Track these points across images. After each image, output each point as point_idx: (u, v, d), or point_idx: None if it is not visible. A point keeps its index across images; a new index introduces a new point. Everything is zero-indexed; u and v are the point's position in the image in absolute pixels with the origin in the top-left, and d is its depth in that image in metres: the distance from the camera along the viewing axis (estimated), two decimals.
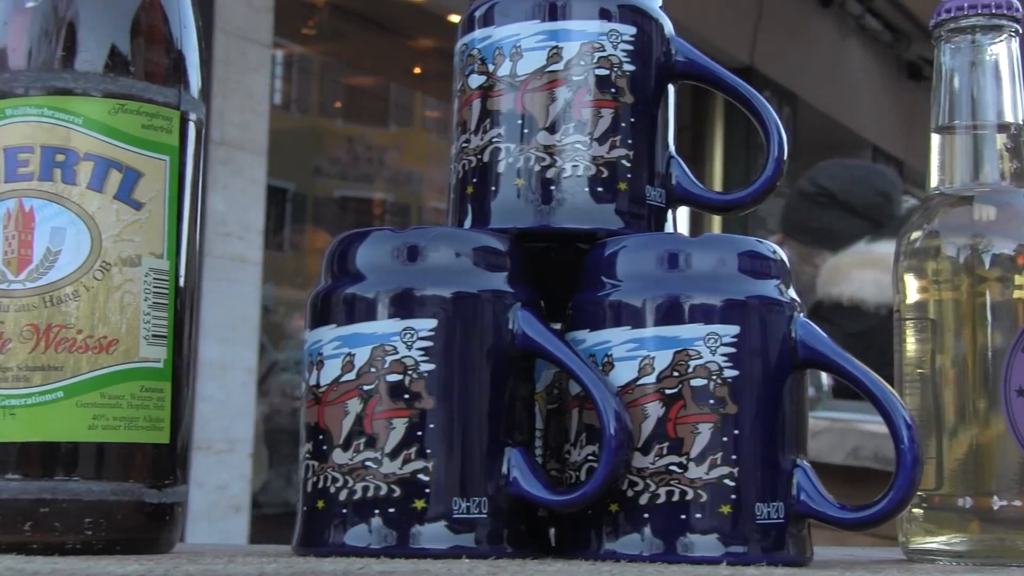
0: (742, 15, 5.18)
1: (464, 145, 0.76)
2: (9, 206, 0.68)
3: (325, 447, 0.69)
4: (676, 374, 0.68)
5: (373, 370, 0.69)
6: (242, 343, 3.58)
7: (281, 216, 6.57)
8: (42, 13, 0.70)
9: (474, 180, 0.76)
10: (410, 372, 0.68)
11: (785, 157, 0.76)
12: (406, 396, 0.68)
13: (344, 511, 0.69)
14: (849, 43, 5.72)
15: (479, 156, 0.75)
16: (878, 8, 5.68)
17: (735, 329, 0.68)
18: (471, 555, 0.68)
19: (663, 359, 0.68)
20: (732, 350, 0.68)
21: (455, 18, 5.07)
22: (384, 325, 0.69)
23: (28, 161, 0.68)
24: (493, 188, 0.75)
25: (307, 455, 0.71)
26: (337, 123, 7.18)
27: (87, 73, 0.69)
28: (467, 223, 0.76)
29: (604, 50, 0.74)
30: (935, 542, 0.77)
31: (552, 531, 0.74)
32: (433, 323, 0.69)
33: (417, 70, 5.96)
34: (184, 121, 0.72)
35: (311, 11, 5.43)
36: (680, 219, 0.79)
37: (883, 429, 0.68)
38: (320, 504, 0.69)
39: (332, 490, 0.69)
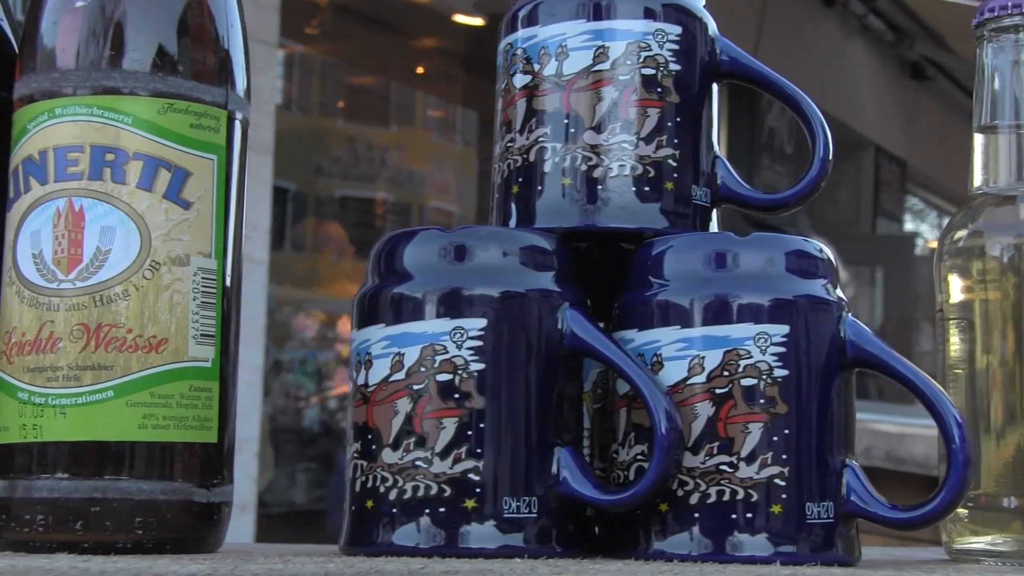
0: (745, 14, 5.18)
1: (509, 144, 0.76)
2: (59, 205, 0.68)
3: (374, 447, 0.69)
4: (726, 373, 0.68)
5: (423, 369, 0.69)
6: (248, 342, 3.58)
7: (283, 216, 6.57)
8: (91, 13, 0.70)
9: (519, 179, 0.76)
10: (460, 372, 0.68)
11: (831, 157, 0.76)
12: (456, 396, 0.68)
13: (394, 511, 0.69)
14: (852, 43, 5.72)
15: (524, 155, 0.75)
16: (881, 8, 5.68)
17: (785, 329, 0.68)
18: (520, 555, 0.68)
19: (713, 358, 0.68)
20: (782, 350, 0.68)
21: (460, 18, 5.07)
22: (434, 325, 0.69)
23: (78, 160, 0.68)
24: (539, 188, 0.75)
25: (355, 454, 0.71)
26: (338, 123, 7.18)
27: (136, 72, 0.69)
28: (512, 222, 0.76)
29: (650, 49, 0.74)
30: (980, 542, 0.77)
31: (596, 530, 0.73)
32: (483, 322, 0.69)
33: (420, 70, 5.96)
34: (231, 120, 0.72)
35: (315, 11, 5.43)
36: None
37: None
38: (369, 504, 0.69)
39: (381, 490, 0.69)
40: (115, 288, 0.68)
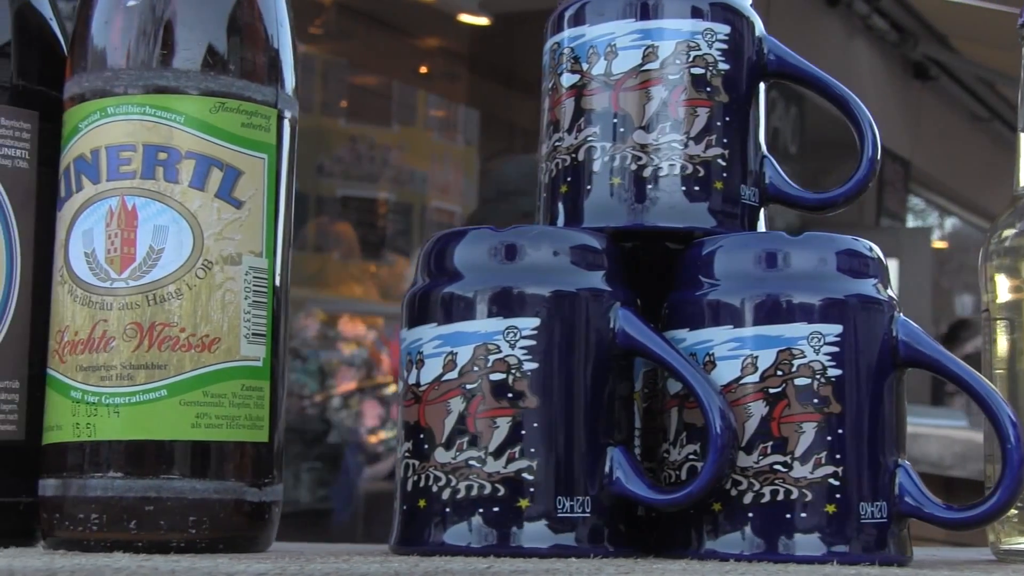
0: None
1: (557, 144, 0.76)
2: (112, 204, 0.68)
3: (426, 446, 0.69)
4: (780, 373, 0.68)
5: (476, 369, 0.69)
6: None
7: None
8: (142, 12, 0.70)
9: (568, 179, 0.76)
10: (513, 371, 0.68)
11: (879, 157, 0.76)
12: (510, 395, 0.68)
13: (447, 510, 0.68)
14: (856, 43, 5.72)
15: (573, 155, 0.75)
16: (885, 8, 5.68)
17: (838, 328, 0.68)
18: (572, 554, 0.68)
19: (766, 358, 0.68)
20: (835, 349, 0.68)
21: (465, 18, 5.07)
22: (486, 324, 0.69)
23: (130, 159, 0.68)
24: (588, 187, 0.75)
25: (407, 453, 0.70)
26: (340, 122, 7.18)
27: (188, 71, 0.69)
28: (559, 222, 0.76)
29: (699, 49, 0.74)
30: None
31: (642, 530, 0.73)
32: (536, 322, 0.69)
33: (423, 69, 5.96)
34: (280, 119, 0.72)
35: (319, 10, 5.43)
36: None
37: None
38: (422, 503, 0.69)
39: (434, 489, 0.69)
40: (168, 287, 0.68)
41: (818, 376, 0.68)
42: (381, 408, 4.24)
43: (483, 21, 4.92)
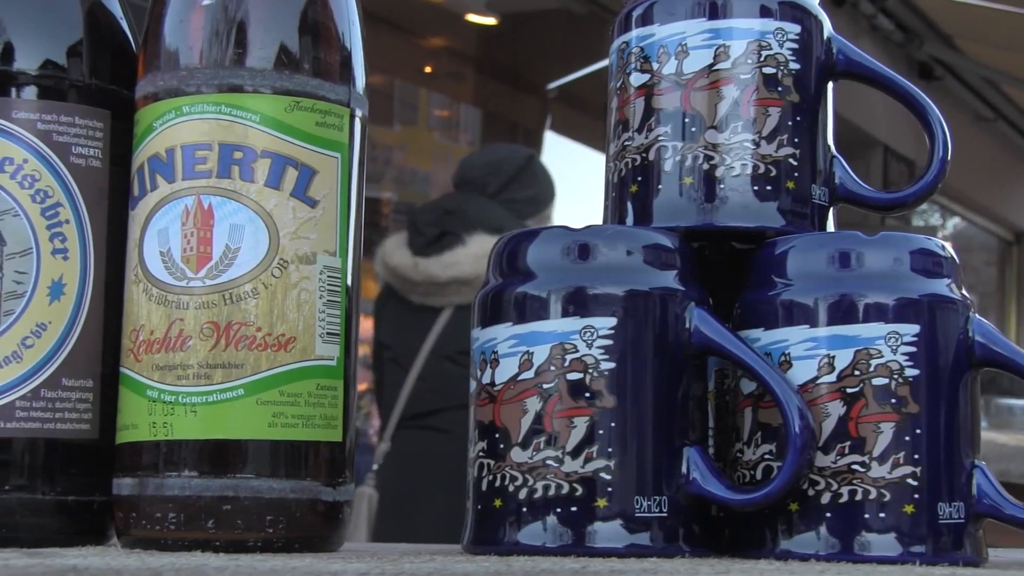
0: None
1: (627, 143, 0.76)
2: (187, 203, 0.68)
3: (502, 445, 0.69)
4: (857, 373, 0.68)
5: (553, 368, 0.68)
6: None
7: None
8: (217, 11, 0.69)
9: (638, 178, 0.76)
10: (591, 370, 0.68)
11: (949, 157, 0.76)
12: (587, 395, 0.68)
13: (524, 509, 0.68)
14: (861, 42, 5.73)
15: (643, 154, 0.75)
16: (890, 8, 5.69)
17: (915, 328, 0.68)
18: (648, 554, 0.68)
19: (843, 358, 0.68)
20: (913, 349, 0.68)
21: (473, 17, 5.06)
22: (563, 323, 0.69)
23: (206, 158, 0.68)
24: (659, 186, 0.75)
25: (481, 453, 0.70)
26: None
27: (263, 70, 0.69)
28: (628, 221, 0.76)
29: (771, 48, 0.74)
30: None
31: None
32: (612, 321, 0.69)
33: (428, 69, 5.96)
34: (352, 118, 0.72)
35: None
36: None
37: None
38: (497, 502, 0.69)
39: (511, 488, 0.69)
40: (244, 286, 0.67)
41: (896, 376, 0.68)
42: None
43: (491, 21, 4.92)
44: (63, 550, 0.65)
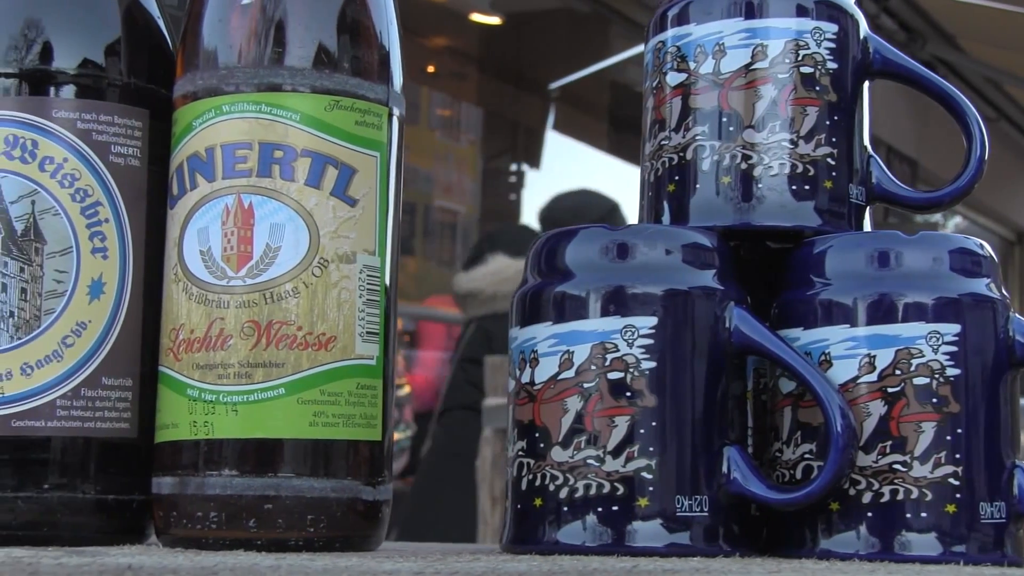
0: None
1: (663, 143, 0.76)
2: (228, 202, 0.68)
3: (542, 445, 0.69)
4: (898, 372, 0.68)
5: (594, 367, 0.68)
6: None
7: None
8: (257, 10, 0.69)
9: (675, 178, 0.76)
10: (632, 370, 0.68)
11: (987, 157, 0.76)
12: (628, 394, 0.68)
13: (564, 509, 0.68)
14: None
15: (681, 154, 0.75)
16: (893, 8, 5.68)
17: (956, 328, 0.68)
18: (688, 553, 0.68)
19: (884, 357, 0.68)
20: (954, 349, 0.68)
21: (477, 17, 5.06)
22: (604, 323, 0.69)
23: (246, 157, 0.68)
24: (696, 185, 0.75)
25: (520, 452, 0.70)
26: None
27: (302, 69, 0.69)
28: (665, 220, 0.76)
29: (808, 48, 0.74)
30: None
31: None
32: (653, 320, 0.69)
33: (431, 68, 5.96)
34: (390, 117, 0.72)
35: None
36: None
37: None
38: (538, 502, 0.69)
39: (551, 488, 0.69)
40: (285, 285, 0.67)
41: (937, 376, 0.68)
42: (395, 409, 4.23)
43: (495, 20, 4.92)
44: (105, 549, 0.65)
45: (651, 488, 0.68)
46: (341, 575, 0.51)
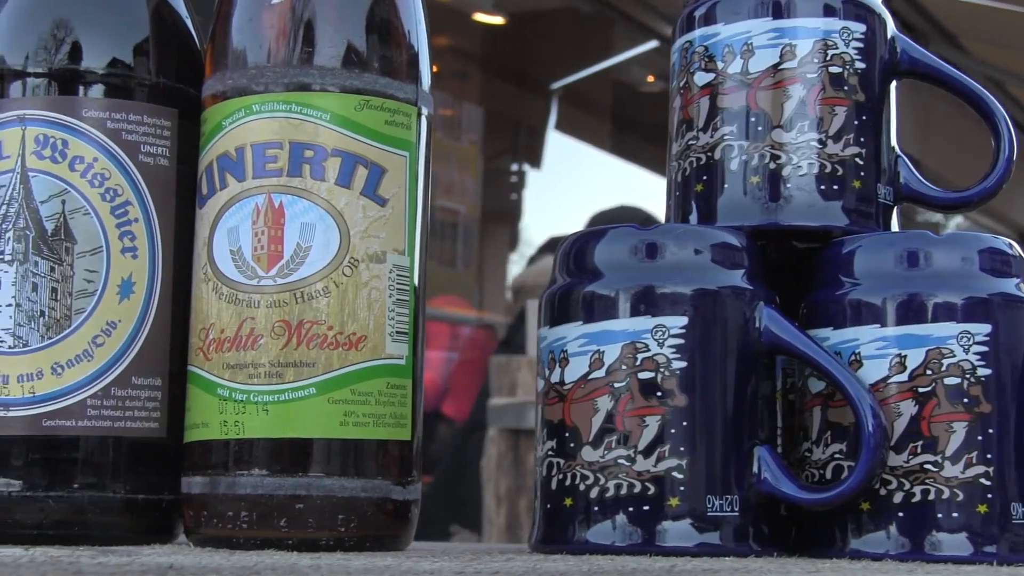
0: None
1: (691, 143, 0.76)
2: (258, 202, 0.68)
3: (572, 444, 0.69)
4: (929, 372, 0.68)
5: (624, 367, 0.68)
6: None
7: None
8: (286, 9, 0.69)
9: (704, 178, 0.76)
10: (662, 369, 0.68)
11: (1014, 157, 0.76)
12: (659, 394, 0.68)
13: (595, 508, 0.68)
14: None
15: (708, 154, 0.75)
16: (895, 7, 5.68)
17: (987, 328, 0.68)
18: (718, 553, 0.68)
19: (915, 357, 0.68)
20: (985, 349, 0.68)
21: (481, 17, 5.06)
22: (634, 322, 0.69)
23: (276, 157, 0.68)
24: (724, 185, 0.75)
25: (550, 452, 0.70)
26: None
27: (332, 69, 0.69)
28: (692, 220, 0.76)
29: (837, 47, 0.74)
30: None
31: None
32: (684, 320, 0.69)
33: (434, 68, 5.95)
34: (419, 116, 0.72)
35: None
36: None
37: None
38: (568, 501, 0.69)
39: (582, 488, 0.69)
40: (316, 285, 0.67)
41: (968, 376, 0.68)
42: None
43: (498, 20, 4.92)
44: (138, 548, 0.65)
45: (682, 488, 0.68)
46: (382, 574, 0.51)
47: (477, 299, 6.02)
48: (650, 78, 5.73)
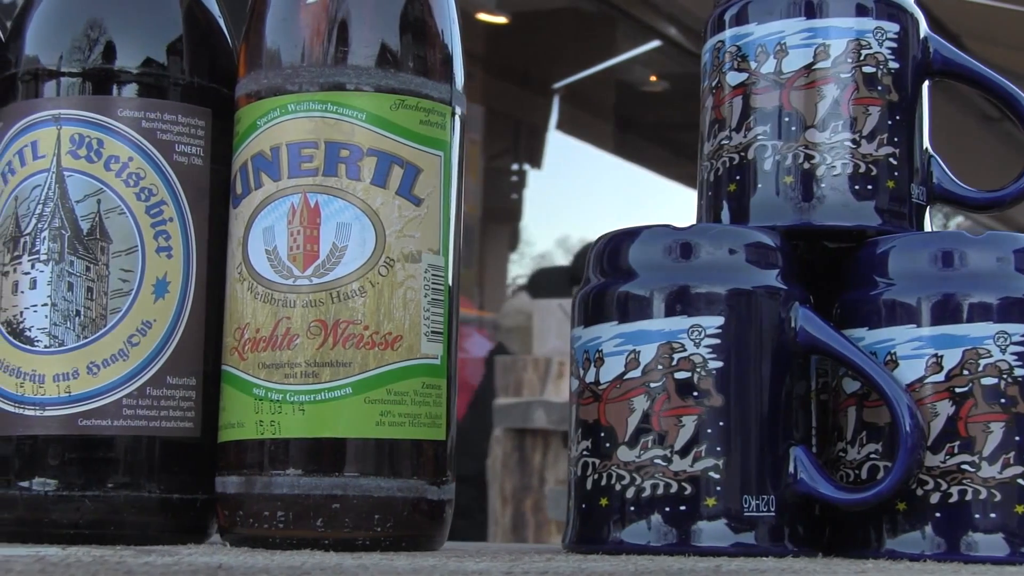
0: None
1: (723, 142, 0.76)
2: (293, 201, 0.68)
3: (608, 444, 0.69)
4: (966, 372, 0.68)
5: (660, 367, 0.68)
6: None
7: None
8: (321, 9, 0.69)
9: (737, 177, 0.75)
10: (699, 369, 0.68)
11: None
12: (695, 393, 0.68)
13: (631, 508, 0.68)
14: None
15: (742, 153, 0.75)
16: None
17: (1023, 328, 0.68)
18: (754, 553, 0.68)
19: (952, 357, 0.68)
20: (1022, 349, 0.68)
21: (484, 17, 5.06)
22: (670, 322, 0.69)
23: (312, 156, 0.68)
24: (758, 185, 0.75)
25: (585, 452, 0.70)
26: None
27: (368, 69, 0.69)
28: (724, 220, 0.76)
29: (870, 47, 0.74)
30: None
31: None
32: (720, 320, 0.69)
33: None
34: (453, 116, 0.72)
35: None
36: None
37: None
38: (604, 501, 0.69)
39: (618, 488, 0.69)
40: (352, 285, 0.67)
41: (1005, 376, 0.68)
42: None
43: (501, 20, 4.92)
44: (175, 548, 0.64)
45: (719, 488, 0.68)
46: (432, 574, 0.51)
47: (477, 298, 6.01)
48: (652, 77, 5.74)
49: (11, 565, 0.48)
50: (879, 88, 0.74)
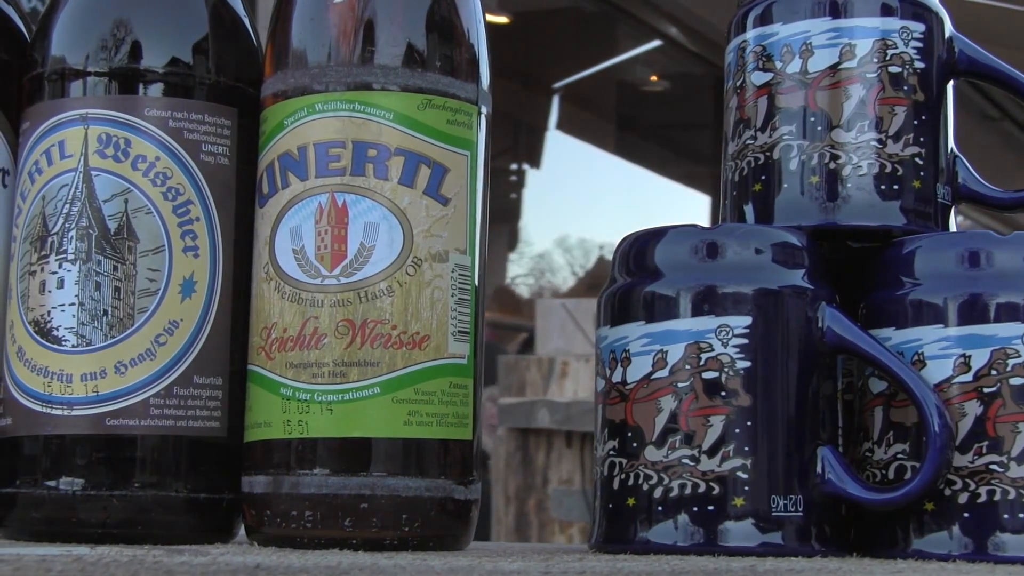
0: None
1: (748, 142, 0.76)
2: (321, 201, 0.68)
3: (635, 444, 0.69)
4: (995, 372, 0.68)
5: (688, 367, 0.68)
6: None
7: None
8: (348, 9, 0.69)
9: (761, 177, 0.75)
10: (727, 369, 0.68)
11: None
12: (723, 393, 0.68)
13: (658, 508, 0.68)
14: None
15: (767, 153, 0.75)
16: None
17: None
18: (781, 553, 0.68)
19: (980, 357, 0.68)
20: None
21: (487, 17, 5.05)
22: (698, 322, 0.69)
23: (339, 156, 0.68)
24: (784, 185, 0.75)
25: (612, 452, 0.70)
26: None
27: (395, 68, 0.69)
28: (749, 220, 0.76)
29: (896, 47, 0.74)
30: None
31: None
32: (748, 320, 0.69)
33: None
34: (479, 116, 0.72)
35: None
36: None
37: None
38: (631, 501, 0.69)
39: (645, 487, 0.69)
40: (379, 284, 0.67)
41: None
42: None
43: (502, 20, 4.92)
44: (203, 547, 0.64)
45: (747, 488, 0.68)
46: (471, 574, 0.50)
47: None
48: (653, 77, 5.74)
49: (51, 565, 0.48)
50: (905, 88, 0.74)
